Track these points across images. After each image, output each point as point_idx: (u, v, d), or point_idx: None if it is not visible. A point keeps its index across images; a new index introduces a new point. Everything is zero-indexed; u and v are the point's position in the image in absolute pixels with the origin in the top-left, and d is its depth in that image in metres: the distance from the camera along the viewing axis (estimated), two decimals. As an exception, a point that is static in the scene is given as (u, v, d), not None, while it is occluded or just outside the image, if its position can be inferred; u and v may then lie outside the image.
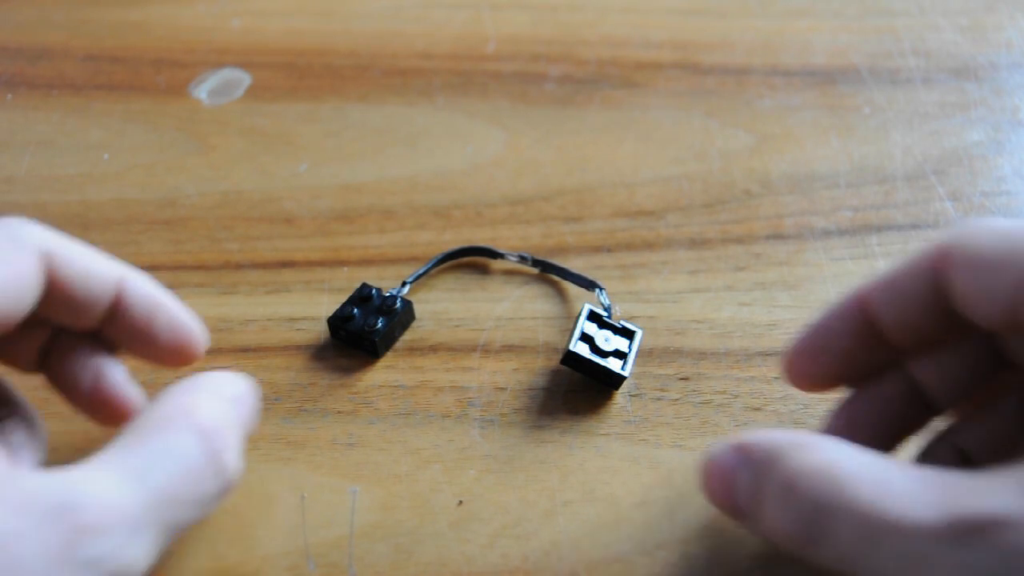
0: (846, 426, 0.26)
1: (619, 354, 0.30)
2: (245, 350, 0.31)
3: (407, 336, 0.32)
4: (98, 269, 0.25)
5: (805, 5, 0.48)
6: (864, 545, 0.20)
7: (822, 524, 0.21)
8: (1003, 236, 0.22)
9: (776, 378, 0.30)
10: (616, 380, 0.30)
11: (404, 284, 0.32)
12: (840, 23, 0.47)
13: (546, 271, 0.34)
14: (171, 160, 0.39)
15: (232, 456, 0.24)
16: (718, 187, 0.38)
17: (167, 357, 0.27)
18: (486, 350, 0.32)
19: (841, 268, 0.34)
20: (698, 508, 0.27)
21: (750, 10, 0.48)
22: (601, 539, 0.26)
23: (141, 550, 0.21)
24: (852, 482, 0.20)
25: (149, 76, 0.44)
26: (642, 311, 0.32)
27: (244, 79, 0.43)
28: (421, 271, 0.33)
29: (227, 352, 0.31)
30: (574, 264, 0.34)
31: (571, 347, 0.30)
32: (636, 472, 0.28)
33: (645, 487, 0.28)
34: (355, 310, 0.31)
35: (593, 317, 0.31)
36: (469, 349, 0.32)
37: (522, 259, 0.34)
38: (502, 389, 0.30)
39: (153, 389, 0.27)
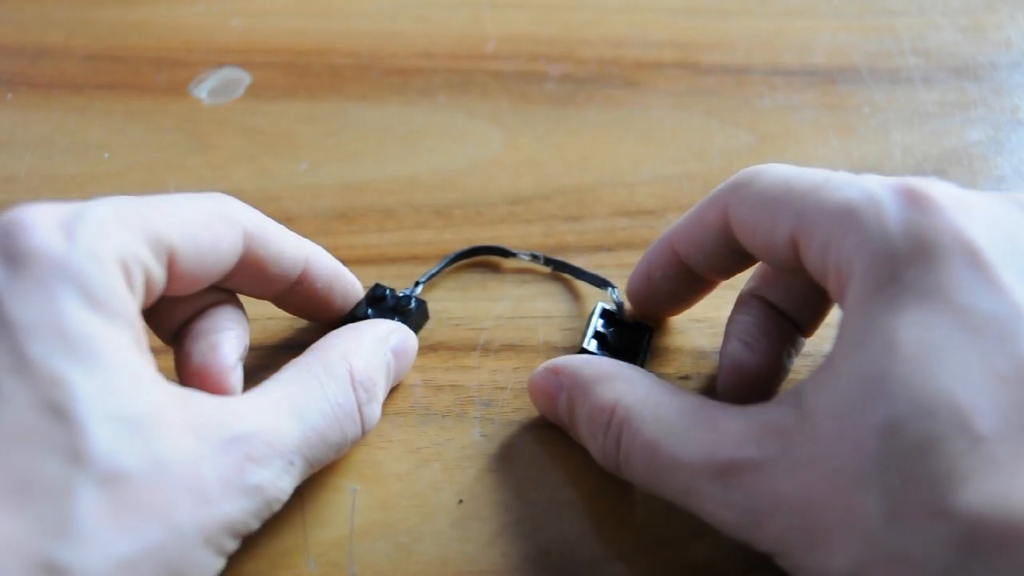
0: (740, 345, 0.28)
1: (631, 351, 0.30)
2: (251, 349, 0.31)
3: (408, 335, 0.32)
4: (291, 251, 0.27)
5: (805, 5, 0.48)
6: (654, 476, 0.24)
7: (619, 455, 0.24)
8: (769, 192, 0.24)
9: (776, 377, 0.30)
10: None
11: (417, 284, 0.32)
12: (840, 23, 0.47)
13: (558, 270, 0.34)
14: (171, 160, 0.39)
15: (375, 408, 0.26)
16: (718, 186, 0.38)
17: (331, 316, 0.30)
18: (486, 349, 0.32)
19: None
20: (698, 507, 0.27)
21: (750, 10, 0.48)
22: (601, 539, 0.26)
23: (289, 482, 0.23)
24: (636, 421, 0.24)
25: (149, 76, 0.44)
26: (642, 310, 0.32)
27: (244, 79, 0.43)
28: (434, 271, 0.33)
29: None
30: (574, 263, 0.34)
31: (584, 345, 0.29)
32: (636, 471, 0.28)
33: (645, 486, 0.28)
34: (369, 310, 0.31)
35: (605, 315, 0.31)
36: (469, 348, 0.32)
37: (534, 258, 0.34)
38: (502, 389, 0.30)
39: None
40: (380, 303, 0.31)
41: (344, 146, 0.40)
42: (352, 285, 0.30)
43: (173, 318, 0.26)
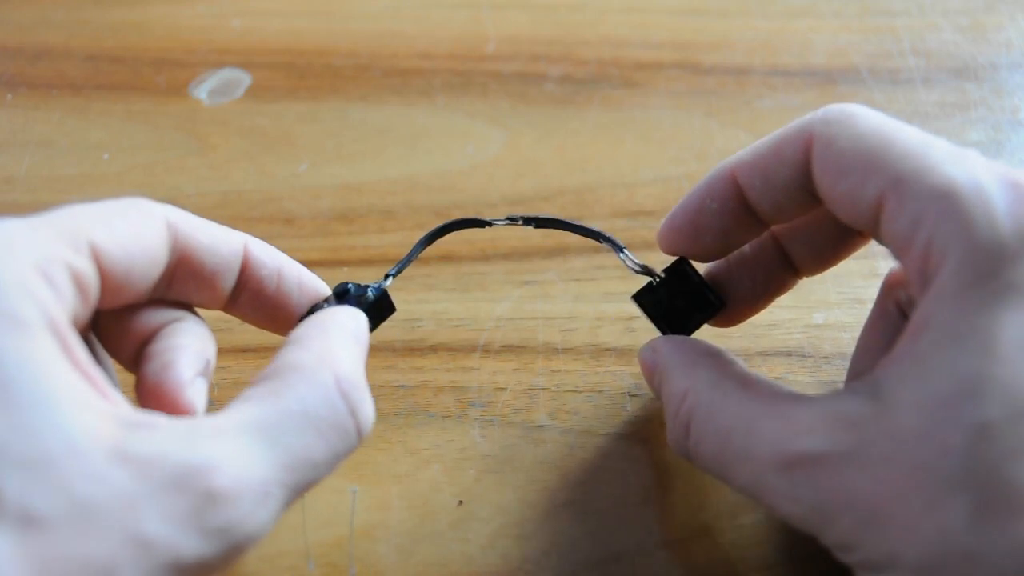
0: (723, 284, 0.28)
1: (693, 290, 0.27)
2: (245, 350, 0.31)
3: (407, 336, 0.32)
4: (226, 237, 0.25)
5: (805, 5, 0.48)
6: (722, 467, 0.23)
7: (689, 442, 0.24)
8: (862, 140, 0.23)
9: (777, 379, 0.30)
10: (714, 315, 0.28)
11: (387, 276, 0.29)
12: (840, 23, 0.47)
13: (543, 226, 0.30)
14: (171, 160, 0.39)
15: (368, 409, 0.23)
16: (718, 187, 0.38)
17: (293, 316, 0.26)
18: (486, 350, 0.32)
19: (842, 268, 0.34)
20: (698, 508, 0.27)
21: (750, 10, 0.48)
22: (601, 539, 0.26)
23: (267, 516, 0.20)
24: (704, 409, 0.23)
25: (149, 76, 0.44)
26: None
27: (244, 79, 0.43)
28: (405, 259, 0.30)
29: (227, 352, 0.31)
30: (574, 264, 0.34)
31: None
32: (636, 472, 0.28)
33: (645, 487, 0.28)
34: (327, 306, 0.27)
35: (647, 295, 0.28)
36: (469, 349, 0.32)
37: (512, 220, 0.30)
38: (502, 389, 0.30)
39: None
40: (341, 299, 0.28)
41: (344, 147, 0.40)
42: (308, 278, 0.27)
43: (128, 340, 0.24)
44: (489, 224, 0.30)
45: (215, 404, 0.30)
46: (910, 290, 0.22)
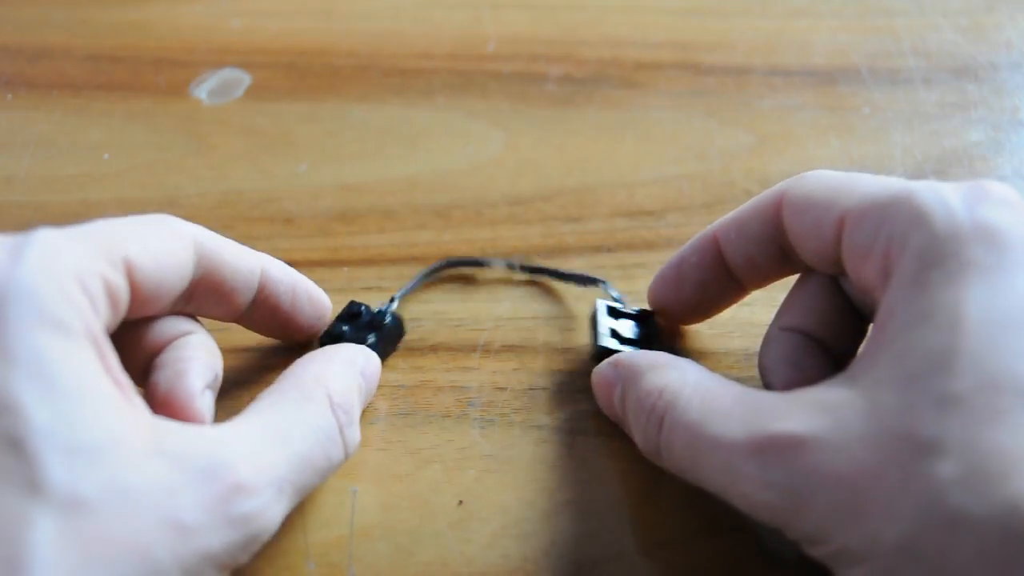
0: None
1: (647, 338, 0.30)
2: (246, 350, 0.31)
3: (407, 336, 0.32)
4: (247, 258, 0.27)
5: (805, 5, 0.48)
6: (693, 458, 0.23)
7: (660, 437, 0.24)
8: (829, 182, 0.25)
9: (776, 378, 0.30)
10: None
11: (392, 300, 0.31)
12: (840, 23, 0.47)
13: (536, 276, 0.33)
14: (171, 160, 0.39)
15: (355, 431, 0.25)
16: (718, 187, 0.38)
17: (303, 333, 0.29)
18: (486, 350, 0.32)
19: (841, 268, 0.34)
20: (699, 507, 0.27)
21: (750, 10, 0.48)
22: (601, 539, 0.26)
23: (280, 511, 0.22)
24: (683, 402, 0.24)
25: (149, 76, 0.44)
26: (642, 311, 0.32)
27: (244, 79, 0.43)
28: (407, 288, 0.32)
29: (227, 352, 0.31)
30: (574, 264, 0.34)
31: (601, 343, 0.29)
32: (636, 472, 0.28)
33: (645, 487, 0.28)
34: (345, 327, 0.30)
35: (612, 312, 0.30)
36: (469, 349, 0.32)
37: (510, 267, 0.33)
38: (502, 389, 0.30)
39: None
40: (355, 319, 0.30)
41: (344, 147, 0.40)
42: (316, 292, 0.29)
43: (140, 351, 0.25)
44: (488, 265, 0.33)
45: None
46: (875, 295, 0.23)
